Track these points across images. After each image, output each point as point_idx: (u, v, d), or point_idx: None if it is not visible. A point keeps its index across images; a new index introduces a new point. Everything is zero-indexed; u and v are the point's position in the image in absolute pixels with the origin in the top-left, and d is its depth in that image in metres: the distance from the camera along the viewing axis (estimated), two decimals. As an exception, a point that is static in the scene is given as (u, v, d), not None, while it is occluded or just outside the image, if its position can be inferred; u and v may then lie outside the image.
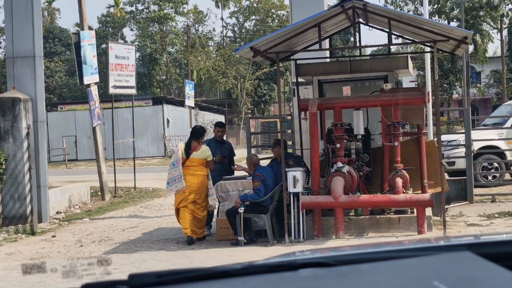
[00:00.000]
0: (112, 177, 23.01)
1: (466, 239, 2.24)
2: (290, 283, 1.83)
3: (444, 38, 12.47)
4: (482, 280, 1.74)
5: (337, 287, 1.77)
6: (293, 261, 2.00)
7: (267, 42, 12.82)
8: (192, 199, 13.37)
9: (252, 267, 1.93)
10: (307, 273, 1.89)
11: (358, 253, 2.18)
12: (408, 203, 12.28)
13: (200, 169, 13.40)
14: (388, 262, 1.95)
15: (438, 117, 12.90)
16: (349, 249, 2.23)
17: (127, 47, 25.18)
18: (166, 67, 77.46)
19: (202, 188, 13.39)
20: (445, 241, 2.23)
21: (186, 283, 1.87)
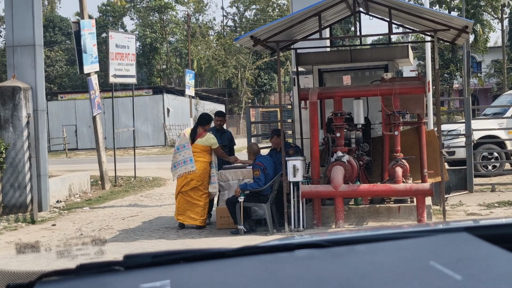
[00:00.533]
0: (112, 166, 23.02)
1: (464, 223, 2.24)
2: (286, 263, 1.83)
3: (444, 27, 12.45)
4: (479, 260, 1.75)
5: (333, 267, 1.78)
6: (289, 242, 2.00)
7: (268, 31, 12.81)
8: (194, 185, 13.50)
9: (248, 248, 1.93)
10: (303, 253, 1.89)
11: (354, 236, 2.18)
12: (408, 192, 12.28)
13: (203, 156, 13.48)
14: (384, 243, 1.95)
15: (438, 106, 12.89)
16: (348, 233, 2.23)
17: (127, 36, 25.15)
18: (166, 56, 77.35)
19: (204, 174, 13.49)
20: (442, 225, 2.23)
21: (182, 264, 1.88)
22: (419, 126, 13.75)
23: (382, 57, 14.33)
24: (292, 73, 15.34)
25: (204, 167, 13.49)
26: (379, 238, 2.02)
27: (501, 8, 46.64)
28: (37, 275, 1.86)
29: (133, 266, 1.88)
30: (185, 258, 1.89)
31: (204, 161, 13.50)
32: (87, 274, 1.85)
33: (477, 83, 56.58)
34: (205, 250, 1.93)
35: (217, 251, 1.92)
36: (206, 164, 13.52)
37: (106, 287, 1.77)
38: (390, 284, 1.62)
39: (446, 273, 1.64)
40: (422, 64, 47.96)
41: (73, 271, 1.86)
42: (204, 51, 69.12)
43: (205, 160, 13.50)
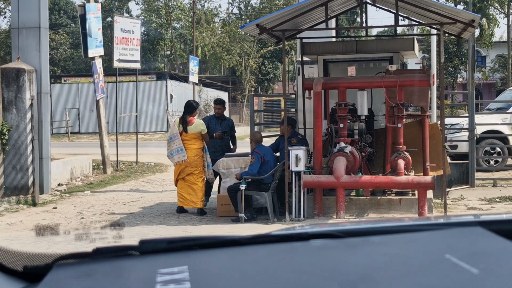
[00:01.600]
0: (114, 151, 23.04)
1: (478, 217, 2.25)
2: (301, 252, 1.84)
3: (451, 20, 12.43)
4: (494, 254, 1.75)
5: (348, 257, 1.78)
6: (303, 232, 2.01)
7: (274, 19, 12.79)
8: (188, 171, 13.77)
9: (263, 237, 1.94)
10: (318, 243, 1.90)
11: (368, 227, 2.18)
12: (410, 185, 12.29)
13: (194, 143, 13.72)
14: (399, 235, 1.96)
15: (442, 100, 12.87)
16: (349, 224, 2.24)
17: (132, 21, 25.10)
18: (171, 42, 77.27)
19: (197, 160, 13.74)
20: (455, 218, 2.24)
21: (197, 250, 1.89)
22: (422, 119, 13.75)
23: (388, 49, 14.31)
24: (297, 62, 15.33)
25: (196, 153, 13.74)
26: (393, 230, 2.03)
27: (507, 3, 46.51)
28: (54, 257, 1.88)
29: (149, 251, 1.90)
30: (200, 245, 1.90)
31: (196, 147, 13.73)
32: (103, 258, 1.87)
33: (481, 77, 56.55)
34: (220, 238, 1.94)
35: (231, 239, 1.93)
36: (198, 150, 13.76)
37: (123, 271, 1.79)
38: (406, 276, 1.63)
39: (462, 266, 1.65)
40: (427, 57, 47.88)
41: (90, 254, 1.87)
42: (209, 38, 69.04)
43: (196, 146, 13.73)
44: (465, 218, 2.29)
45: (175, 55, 77.41)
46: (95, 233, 1.96)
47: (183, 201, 13.84)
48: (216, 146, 14.43)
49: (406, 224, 2.18)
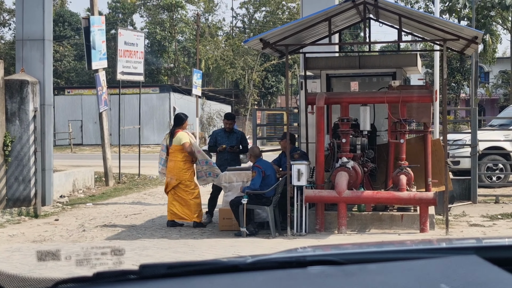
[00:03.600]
0: (116, 163, 23.05)
1: (468, 242, 2.25)
2: (300, 279, 1.85)
3: (454, 37, 12.46)
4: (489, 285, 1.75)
5: (346, 286, 1.78)
6: (301, 257, 2.01)
7: (277, 34, 12.82)
8: (174, 184, 13.84)
9: (261, 262, 1.94)
10: (316, 270, 1.90)
11: (366, 251, 2.19)
12: (412, 201, 12.28)
13: (177, 155, 13.84)
14: (396, 263, 1.96)
15: (445, 116, 12.88)
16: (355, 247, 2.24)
17: (136, 34, 25.19)
18: (175, 55, 77.41)
19: (179, 173, 13.78)
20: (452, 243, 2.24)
21: (196, 276, 1.89)
22: (425, 135, 13.75)
23: (390, 64, 14.32)
24: (300, 77, 15.35)
25: (179, 166, 13.80)
26: (390, 257, 2.03)
27: (511, 19, 46.57)
28: (55, 281, 1.88)
29: (149, 276, 1.90)
30: (199, 271, 1.91)
31: (178, 160, 13.80)
32: (103, 282, 1.87)
33: (484, 93, 56.54)
34: (220, 263, 1.94)
35: (231, 264, 1.94)
36: (179, 163, 13.80)
37: None
38: None
39: None
40: (430, 73, 47.90)
41: (90, 278, 1.88)
42: (212, 51, 69.15)
43: (177, 159, 13.80)
44: (461, 244, 2.29)
45: (178, 68, 77.54)
46: (95, 258, 1.96)
47: (172, 215, 13.89)
48: (223, 160, 14.46)
49: (403, 249, 2.18)
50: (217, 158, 14.69)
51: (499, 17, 46.82)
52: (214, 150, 14.76)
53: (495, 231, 12.96)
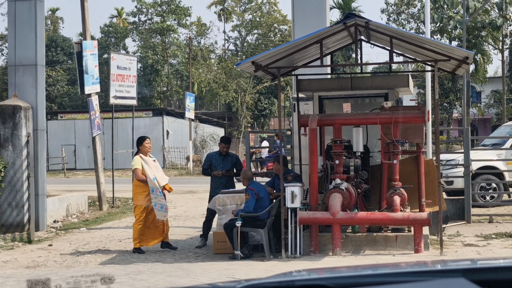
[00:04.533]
0: (110, 187, 23.02)
1: (461, 263, 2.25)
2: None
3: (445, 57, 12.52)
4: None
5: None
6: (292, 282, 2.01)
7: (269, 57, 12.86)
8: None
9: (255, 287, 1.94)
10: None
11: (356, 275, 2.19)
12: (406, 221, 12.28)
13: (133, 179, 14.18)
14: (385, 287, 1.96)
15: (437, 136, 12.91)
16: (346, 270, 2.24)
17: (129, 58, 25.22)
18: (167, 78, 77.55)
19: (134, 195, 14.18)
20: (441, 266, 2.25)
21: None
22: (418, 155, 13.77)
23: (383, 85, 14.36)
24: (293, 99, 15.38)
25: (133, 189, 14.22)
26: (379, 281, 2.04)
27: (502, 39, 46.85)
28: None
29: None
30: None
31: (134, 184, 14.11)
32: None
33: (476, 113, 56.72)
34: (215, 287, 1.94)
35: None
36: (134, 186, 14.07)
37: None
38: None
39: None
40: (422, 93, 48.02)
41: None
42: (205, 74, 69.30)
43: (134, 183, 14.09)
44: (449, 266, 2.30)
45: (171, 91, 77.65)
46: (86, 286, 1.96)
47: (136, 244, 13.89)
48: (218, 183, 14.43)
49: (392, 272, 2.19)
50: (212, 181, 14.67)
51: (490, 37, 47.07)
52: (208, 173, 14.72)
53: (490, 250, 12.96)
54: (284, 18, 72.98)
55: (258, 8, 75.33)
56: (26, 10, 17.03)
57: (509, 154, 19.68)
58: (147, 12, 76.90)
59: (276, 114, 68.28)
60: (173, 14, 75.08)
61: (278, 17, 73.83)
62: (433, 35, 39.97)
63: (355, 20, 12.53)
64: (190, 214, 20.09)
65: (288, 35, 69.11)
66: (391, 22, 48.93)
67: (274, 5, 74.20)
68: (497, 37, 46.97)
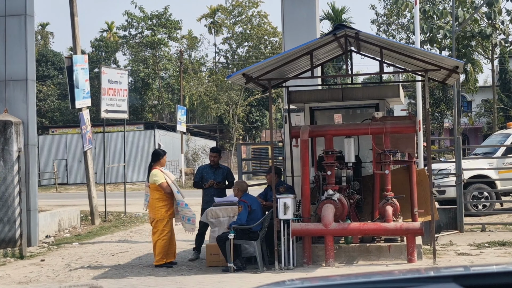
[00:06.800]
0: (102, 202, 22.96)
1: (453, 270, 2.26)
2: None
3: (435, 67, 12.56)
4: None
5: None
6: None
7: (260, 69, 12.88)
8: (150, 222, 13.94)
9: None
10: None
11: (349, 283, 2.19)
12: (398, 231, 12.29)
13: (152, 193, 13.74)
14: None
15: (429, 146, 12.94)
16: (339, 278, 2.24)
17: (119, 72, 25.22)
18: (159, 92, 77.55)
19: (154, 210, 13.67)
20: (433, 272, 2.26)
21: None
22: (409, 165, 13.79)
23: (373, 96, 14.40)
24: (284, 110, 15.40)
25: (153, 204, 13.69)
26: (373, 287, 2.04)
27: (491, 49, 47.02)
28: None
29: None
30: None
31: (153, 198, 13.67)
32: None
33: (467, 122, 56.85)
34: None
35: None
36: (155, 201, 13.62)
37: None
38: None
39: None
40: (413, 103, 48.08)
41: None
42: (196, 87, 69.31)
43: (154, 197, 13.65)
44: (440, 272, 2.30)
45: (162, 104, 77.62)
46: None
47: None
48: (209, 195, 14.40)
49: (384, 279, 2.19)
50: (204, 194, 14.65)
51: (480, 46, 47.25)
52: (199, 186, 14.69)
53: (483, 259, 12.97)
54: (275, 30, 73.08)
55: (248, 20, 75.41)
56: (16, 26, 17.03)
57: (501, 163, 19.73)
58: (137, 26, 76.88)
59: (268, 126, 68.32)
60: (164, 27, 75.10)
61: (269, 29, 73.92)
62: (423, 45, 40.13)
63: (345, 31, 12.57)
64: (182, 227, 20.06)
65: (278, 47, 69.23)
66: (381, 33, 49.11)
67: (265, 17, 74.29)
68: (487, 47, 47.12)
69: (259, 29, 73.96)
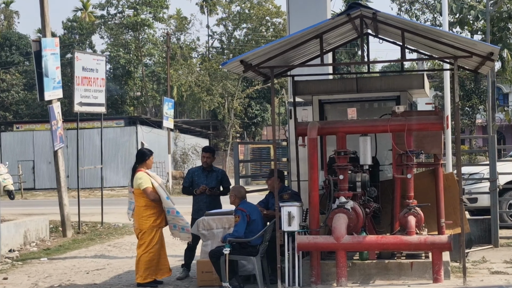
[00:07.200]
0: (75, 210, 22.95)
1: None
2: None
3: (466, 53, 12.54)
4: None
5: None
6: None
7: (260, 55, 12.86)
8: (136, 233, 13.64)
9: None
10: None
11: None
12: (422, 246, 12.27)
13: (137, 199, 13.45)
14: None
15: (458, 145, 12.92)
16: None
17: (96, 58, 25.20)
18: (142, 81, 77.56)
19: (140, 220, 13.42)
20: None
21: None
22: (435, 168, 13.76)
23: (394, 87, 14.37)
24: (288, 104, 15.38)
25: (138, 212, 13.43)
26: None
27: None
28: None
29: None
30: None
31: (139, 206, 13.41)
32: None
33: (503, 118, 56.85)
34: None
35: None
36: (140, 208, 13.37)
37: None
38: None
39: None
40: (440, 96, 48.20)
41: None
42: (185, 76, 69.31)
43: (139, 204, 13.40)
44: None
45: (146, 96, 77.64)
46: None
47: None
48: (201, 203, 14.35)
49: None
50: (194, 201, 14.61)
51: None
52: (189, 192, 14.64)
53: (521, 279, 12.96)
54: (278, 9, 73.20)
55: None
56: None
57: (543, 166, 19.70)
58: (117, 4, 76.93)
59: (270, 122, 68.37)
60: (148, 6, 75.10)
61: (271, 9, 74.01)
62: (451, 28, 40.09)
63: (361, 10, 12.55)
64: (169, 240, 20.02)
65: (282, 29, 69.30)
66: (403, 13, 49.09)
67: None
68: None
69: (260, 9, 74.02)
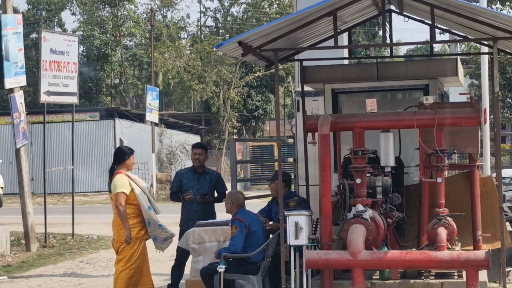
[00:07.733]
0: (41, 219, 22.96)
1: None
2: None
3: (508, 34, 12.53)
4: None
5: None
6: None
7: (262, 35, 12.85)
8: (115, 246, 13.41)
9: None
10: None
11: None
12: (455, 263, 12.27)
13: (114, 206, 13.23)
14: None
15: (498, 144, 12.92)
16: None
17: (67, 39, 25.21)
18: (121, 67, 77.57)
19: (117, 229, 13.23)
20: None
21: None
22: (471, 171, 13.77)
23: (421, 74, 14.36)
24: (296, 94, 15.39)
25: (116, 221, 13.22)
26: None
27: None
28: None
29: None
30: None
31: (115, 213, 13.25)
32: None
33: (552, 112, 56.93)
34: None
35: None
36: (116, 216, 13.18)
37: None
38: None
39: None
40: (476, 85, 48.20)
41: None
42: (173, 61, 69.28)
43: (115, 211, 13.23)
44: None
45: (126, 84, 77.66)
46: None
47: None
48: (191, 212, 14.34)
49: None
50: (183, 209, 14.59)
51: None
52: (178, 198, 14.60)
53: None
54: (283, -19, 73.17)
55: (246, -32, 75.57)
56: None
57: None
58: (91, -26, 76.99)
59: (273, 115, 68.36)
60: (128, -24, 75.19)
61: (275, -19, 74.03)
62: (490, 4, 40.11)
63: (382, -18, 12.56)
64: (154, 256, 20.09)
65: (288, 5, 69.30)
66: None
67: (269, -36, 74.45)
68: None
69: (262, -20, 74.02)
